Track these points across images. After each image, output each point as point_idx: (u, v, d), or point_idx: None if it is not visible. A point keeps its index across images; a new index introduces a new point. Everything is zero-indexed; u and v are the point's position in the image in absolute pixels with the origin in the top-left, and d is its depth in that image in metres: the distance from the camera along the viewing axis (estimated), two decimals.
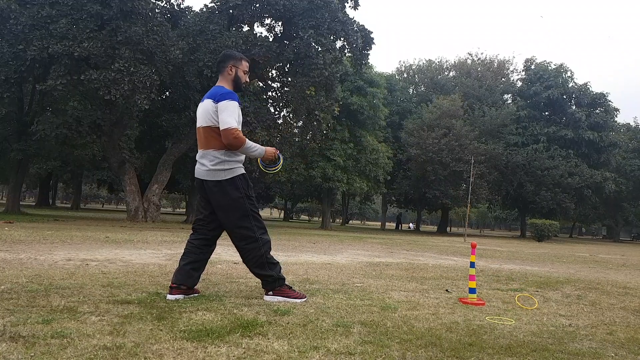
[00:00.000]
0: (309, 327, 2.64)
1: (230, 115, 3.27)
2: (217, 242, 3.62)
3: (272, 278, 3.42)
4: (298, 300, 3.40)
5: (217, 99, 3.32)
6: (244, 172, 3.46)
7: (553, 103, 36.76)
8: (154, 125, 21.58)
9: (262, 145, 3.61)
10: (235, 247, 3.49)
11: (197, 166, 3.47)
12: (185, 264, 3.40)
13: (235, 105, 3.32)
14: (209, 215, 3.49)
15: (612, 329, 3.12)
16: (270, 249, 3.47)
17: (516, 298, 4.05)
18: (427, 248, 12.66)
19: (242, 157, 3.47)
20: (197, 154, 3.49)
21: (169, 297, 3.29)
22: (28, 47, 14.87)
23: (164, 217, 23.08)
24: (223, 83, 3.52)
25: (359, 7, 20.27)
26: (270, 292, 3.43)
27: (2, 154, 20.77)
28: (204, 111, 3.38)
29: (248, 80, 3.72)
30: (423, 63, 43.51)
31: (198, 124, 3.46)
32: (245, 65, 3.60)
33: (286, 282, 3.55)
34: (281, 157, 3.65)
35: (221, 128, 3.27)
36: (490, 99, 38.29)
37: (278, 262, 3.52)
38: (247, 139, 3.36)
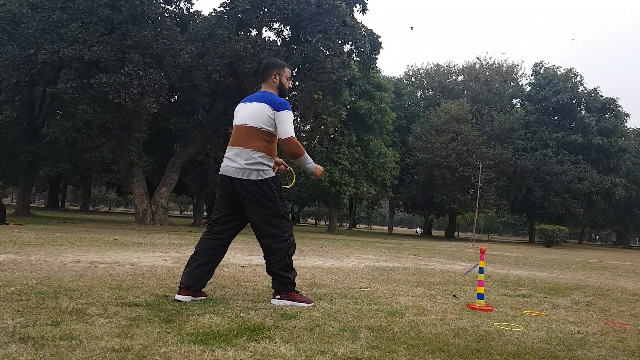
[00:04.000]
0: (315, 332, 2.64)
1: (290, 124, 3.38)
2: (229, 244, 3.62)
3: (287, 280, 3.43)
4: (305, 305, 3.40)
5: (276, 108, 3.37)
6: (275, 175, 3.48)
7: (562, 108, 36.57)
8: (163, 129, 21.70)
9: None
10: (261, 245, 3.47)
11: (227, 163, 3.42)
12: (197, 265, 3.39)
13: (292, 115, 3.44)
14: (229, 215, 3.48)
15: (622, 337, 3.08)
16: (294, 252, 3.50)
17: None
18: (434, 253, 12.60)
19: (273, 163, 3.49)
20: (229, 151, 3.45)
21: (178, 297, 3.30)
22: (39, 50, 15.03)
23: (171, 220, 23.18)
24: (268, 90, 3.55)
25: (367, 12, 20.32)
26: (278, 296, 3.43)
27: (12, 156, 20.99)
28: (257, 113, 3.38)
29: (291, 86, 3.77)
30: (431, 67, 43.49)
31: (241, 122, 3.43)
32: (287, 71, 3.65)
33: (295, 288, 3.55)
34: (294, 176, 3.72)
35: (283, 137, 3.34)
36: (498, 103, 38.16)
37: (295, 269, 3.54)
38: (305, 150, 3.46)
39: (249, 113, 3.42)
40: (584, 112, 37.13)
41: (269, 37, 19.67)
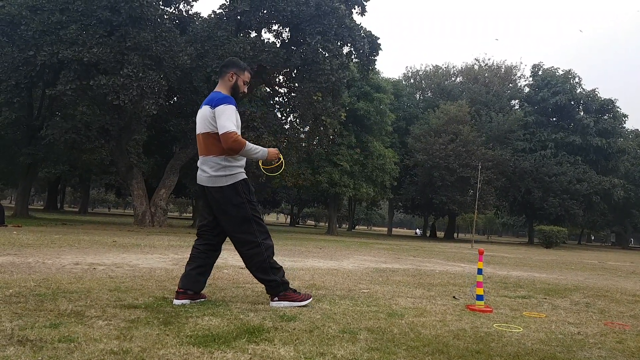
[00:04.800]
0: (315, 333, 2.63)
1: (227, 119, 3.25)
2: (223, 247, 3.62)
3: (275, 283, 3.41)
4: (304, 302, 3.40)
5: (213, 105, 3.32)
6: (246, 177, 3.46)
7: (561, 109, 36.62)
8: (162, 130, 21.70)
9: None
10: (238, 252, 3.48)
11: (199, 173, 3.47)
12: (191, 269, 3.41)
13: (233, 109, 3.32)
14: (213, 221, 3.50)
15: (622, 338, 3.08)
16: (273, 254, 3.46)
17: None
18: (434, 254, 12.60)
19: (243, 162, 3.46)
20: (198, 161, 3.49)
21: (176, 302, 3.29)
22: (38, 52, 15.03)
23: (170, 222, 23.16)
24: (221, 88, 3.51)
25: (366, 14, 20.34)
26: (276, 298, 3.43)
27: (11, 158, 20.98)
28: (202, 118, 3.38)
29: (246, 91, 3.71)
30: (430, 69, 43.56)
31: (197, 131, 3.46)
32: (247, 76, 3.59)
33: (290, 286, 3.53)
34: (282, 159, 3.62)
35: (220, 132, 3.25)
36: (497, 104, 38.21)
37: (281, 267, 3.50)
38: (247, 142, 3.34)
39: (199, 120, 3.42)
40: (582, 113, 37.19)
41: (268, 39, 19.70)
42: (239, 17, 18.08)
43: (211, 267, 3.53)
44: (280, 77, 21.00)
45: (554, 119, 37.85)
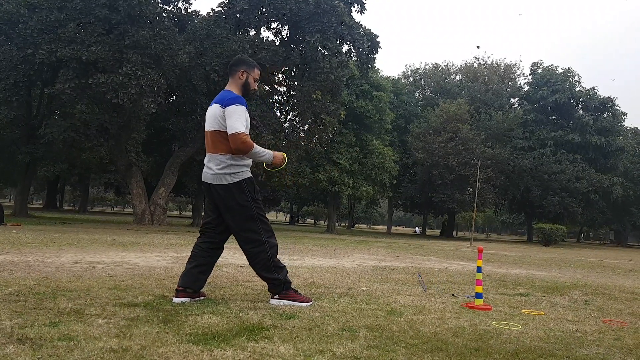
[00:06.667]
0: (314, 331, 2.64)
1: (237, 119, 3.27)
2: (225, 245, 3.62)
3: (278, 281, 3.43)
4: (304, 304, 3.40)
5: (224, 104, 3.33)
6: (251, 175, 3.47)
7: (560, 107, 36.63)
8: (161, 129, 21.66)
9: (269, 149, 3.60)
10: (242, 250, 3.48)
11: (204, 170, 3.48)
12: (192, 267, 3.40)
13: (243, 109, 3.32)
14: (217, 219, 3.49)
15: (620, 335, 3.09)
16: (276, 253, 3.48)
17: None
18: (433, 252, 12.61)
19: (249, 162, 3.47)
20: (205, 158, 3.50)
21: (175, 300, 3.30)
22: (37, 51, 14.99)
23: (170, 220, 23.14)
24: (232, 87, 3.52)
25: (365, 12, 20.34)
26: (277, 296, 3.43)
27: (10, 157, 20.94)
28: (212, 115, 3.39)
29: (257, 88, 3.72)
30: (429, 67, 43.51)
31: (206, 128, 3.47)
32: (257, 73, 3.61)
33: (292, 286, 3.54)
34: (285, 157, 3.64)
35: (229, 133, 3.28)
36: (496, 102, 38.21)
37: (284, 266, 3.52)
38: (255, 144, 3.36)
39: (208, 117, 3.44)
40: (581, 111, 37.20)
41: (267, 37, 19.68)
42: (238, 15, 18.06)
43: (212, 266, 3.53)
44: (280, 75, 20.99)
45: (553, 117, 37.87)
